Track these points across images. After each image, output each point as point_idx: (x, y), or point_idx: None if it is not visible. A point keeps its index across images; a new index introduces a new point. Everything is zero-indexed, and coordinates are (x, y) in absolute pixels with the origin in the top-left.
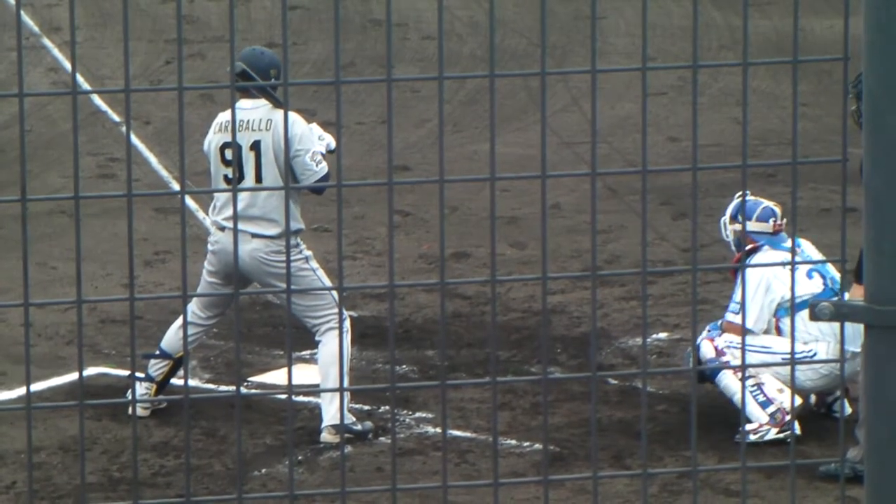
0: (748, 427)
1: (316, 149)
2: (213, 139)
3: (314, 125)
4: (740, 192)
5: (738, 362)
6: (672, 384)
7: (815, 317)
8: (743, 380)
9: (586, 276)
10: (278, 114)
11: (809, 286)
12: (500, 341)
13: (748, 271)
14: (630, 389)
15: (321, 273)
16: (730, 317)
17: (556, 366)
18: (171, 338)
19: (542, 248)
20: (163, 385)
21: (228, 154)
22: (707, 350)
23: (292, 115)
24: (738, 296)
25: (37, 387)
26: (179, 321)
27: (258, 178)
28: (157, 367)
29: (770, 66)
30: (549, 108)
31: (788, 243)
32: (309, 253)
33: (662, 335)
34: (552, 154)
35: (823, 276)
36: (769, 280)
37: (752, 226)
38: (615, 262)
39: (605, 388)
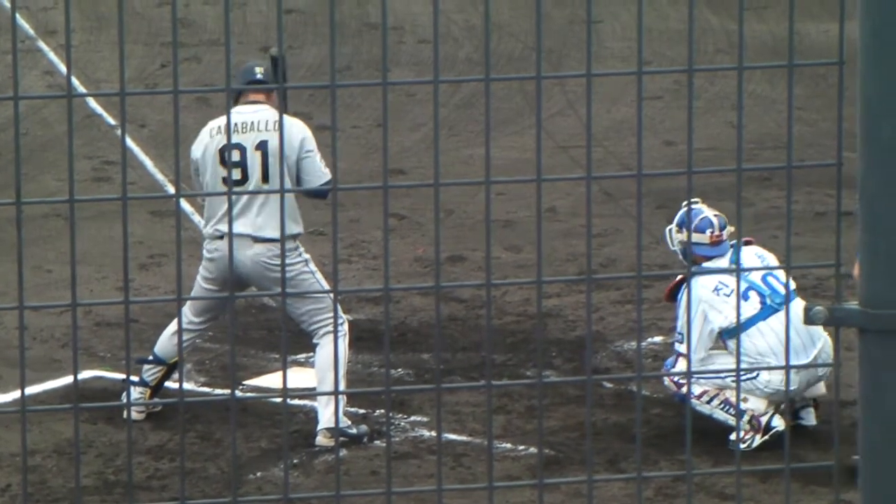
0: (734, 438)
1: None
2: (211, 143)
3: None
4: (686, 202)
5: (698, 388)
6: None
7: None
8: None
9: (582, 279)
10: (285, 117)
11: (745, 309)
12: (495, 345)
13: (684, 299)
14: (625, 393)
15: (320, 276)
16: (677, 346)
17: (551, 369)
18: (165, 343)
19: (537, 252)
20: (157, 389)
21: (234, 156)
22: (669, 384)
23: (297, 120)
24: (679, 325)
25: (31, 390)
26: (172, 326)
27: (265, 179)
28: (151, 372)
29: (766, 71)
30: (544, 111)
31: (728, 256)
32: (308, 256)
33: (658, 339)
34: (548, 158)
35: (762, 295)
36: (705, 310)
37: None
38: (611, 266)
39: (600, 391)
